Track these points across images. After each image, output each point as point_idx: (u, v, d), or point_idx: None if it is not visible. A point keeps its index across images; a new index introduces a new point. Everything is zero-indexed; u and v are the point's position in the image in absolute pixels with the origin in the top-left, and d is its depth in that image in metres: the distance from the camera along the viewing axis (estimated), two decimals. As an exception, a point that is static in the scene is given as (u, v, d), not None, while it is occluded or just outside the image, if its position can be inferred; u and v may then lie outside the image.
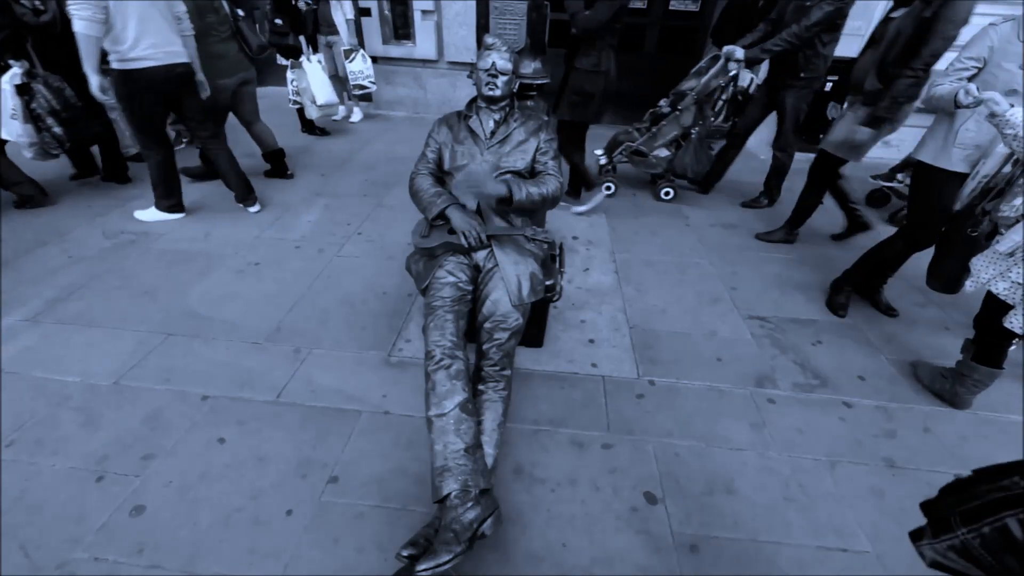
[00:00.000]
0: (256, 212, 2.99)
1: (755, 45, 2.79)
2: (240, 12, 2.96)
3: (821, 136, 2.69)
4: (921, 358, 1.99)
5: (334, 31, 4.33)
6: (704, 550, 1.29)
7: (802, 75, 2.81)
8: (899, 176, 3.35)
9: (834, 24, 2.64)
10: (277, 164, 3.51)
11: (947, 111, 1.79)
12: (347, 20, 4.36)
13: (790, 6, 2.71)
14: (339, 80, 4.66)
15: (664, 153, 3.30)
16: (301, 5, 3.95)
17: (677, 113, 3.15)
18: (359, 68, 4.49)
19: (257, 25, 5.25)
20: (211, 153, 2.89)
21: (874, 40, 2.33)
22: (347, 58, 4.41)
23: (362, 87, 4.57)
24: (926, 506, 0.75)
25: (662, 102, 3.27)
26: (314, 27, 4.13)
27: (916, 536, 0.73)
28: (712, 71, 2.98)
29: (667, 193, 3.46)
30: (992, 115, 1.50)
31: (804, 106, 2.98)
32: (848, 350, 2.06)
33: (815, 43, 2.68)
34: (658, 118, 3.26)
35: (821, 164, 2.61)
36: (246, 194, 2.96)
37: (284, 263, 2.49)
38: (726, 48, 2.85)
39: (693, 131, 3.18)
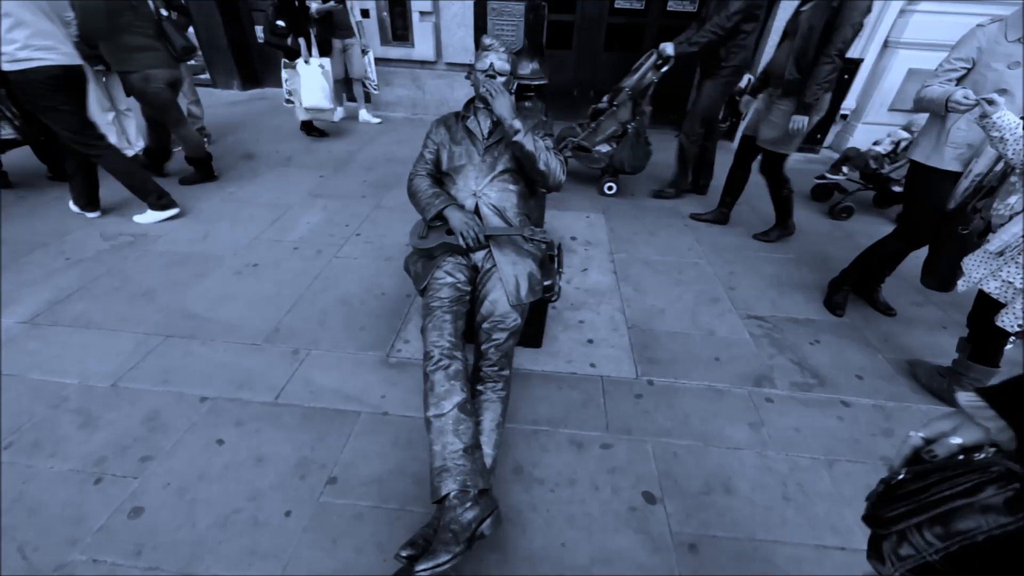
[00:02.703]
0: (95, 217, 2.84)
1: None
2: (164, 12, 2.90)
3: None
4: (919, 357, 2.00)
5: (350, 34, 4.35)
6: (703, 549, 1.29)
7: (723, 64, 2.94)
8: (844, 169, 3.40)
9: (753, 14, 2.79)
10: (157, 162, 3.46)
11: (938, 113, 1.80)
12: (356, 23, 4.38)
13: (711, 3, 2.85)
14: (345, 83, 4.70)
15: (605, 148, 3.34)
16: (332, 5, 3.97)
17: (614, 109, 3.20)
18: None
19: (259, 27, 5.25)
20: (99, 160, 2.68)
21: (787, 34, 2.44)
22: (364, 57, 4.52)
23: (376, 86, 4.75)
24: (872, 520, 0.62)
25: (604, 98, 3.31)
26: (329, 30, 4.14)
27: (875, 553, 0.61)
28: (644, 67, 3.05)
29: (610, 188, 3.49)
30: (983, 116, 1.51)
31: (721, 96, 3.09)
32: (846, 349, 2.07)
33: (737, 33, 2.82)
34: (597, 114, 3.30)
35: (767, 162, 2.70)
36: (88, 199, 2.82)
37: (282, 264, 2.49)
38: (661, 45, 2.96)
39: (630, 126, 3.22)
